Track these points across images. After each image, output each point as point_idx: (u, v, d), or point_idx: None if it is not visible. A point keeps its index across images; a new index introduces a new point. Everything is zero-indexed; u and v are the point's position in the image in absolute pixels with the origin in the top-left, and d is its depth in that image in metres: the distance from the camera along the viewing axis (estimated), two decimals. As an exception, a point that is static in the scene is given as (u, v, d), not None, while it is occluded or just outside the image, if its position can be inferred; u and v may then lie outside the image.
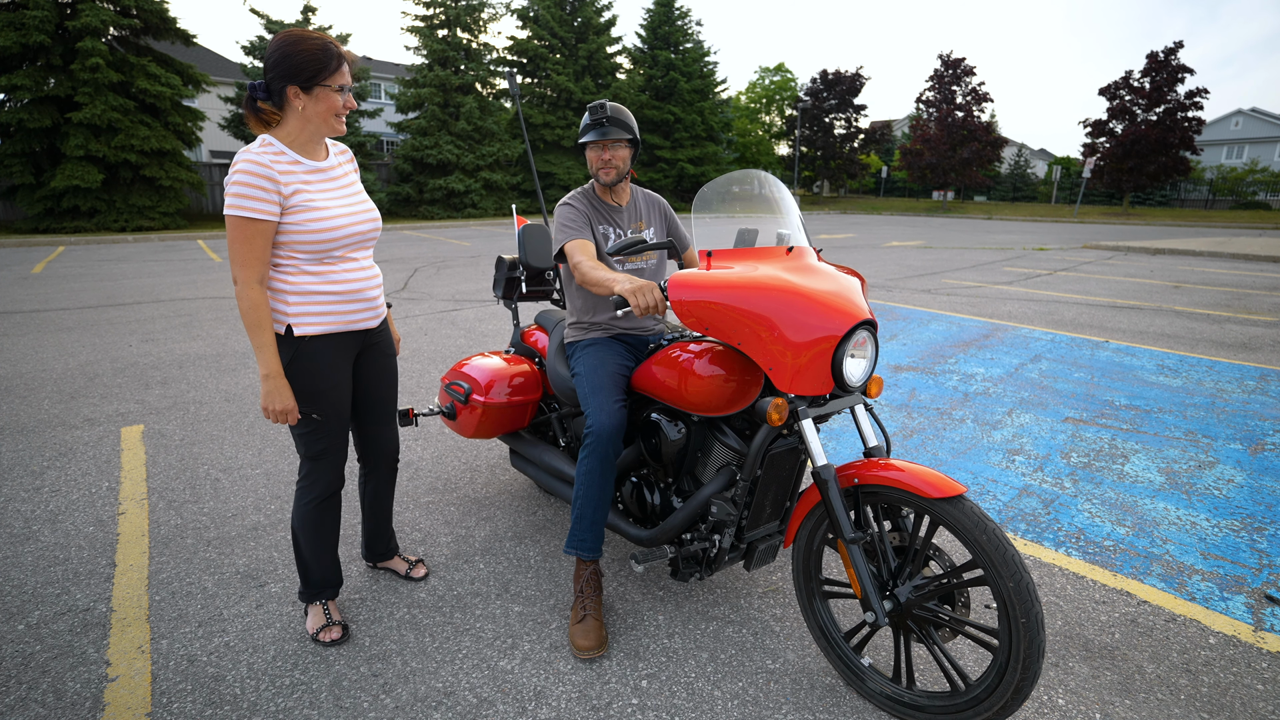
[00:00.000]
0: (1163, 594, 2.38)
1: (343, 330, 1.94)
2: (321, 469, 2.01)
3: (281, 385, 1.81)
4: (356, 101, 1.89)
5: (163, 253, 13.05)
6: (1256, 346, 5.99)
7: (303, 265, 1.85)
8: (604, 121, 2.23)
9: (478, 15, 24.05)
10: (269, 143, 1.80)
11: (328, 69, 1.76)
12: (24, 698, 1.84)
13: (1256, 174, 39.01)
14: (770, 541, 2.12)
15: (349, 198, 1.93)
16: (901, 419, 4.12)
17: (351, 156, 2.07)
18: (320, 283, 1.87)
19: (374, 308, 2.01)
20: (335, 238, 1.86)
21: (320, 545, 2.09)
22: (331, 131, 1.86)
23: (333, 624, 2.09)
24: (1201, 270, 11.69)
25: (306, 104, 1.79)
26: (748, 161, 43.36)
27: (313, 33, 1.78)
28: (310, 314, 1.87)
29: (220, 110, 25.81)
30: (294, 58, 1.73)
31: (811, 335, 1.69)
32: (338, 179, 1.93)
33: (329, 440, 1.99)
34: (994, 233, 20.85)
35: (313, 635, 2.08)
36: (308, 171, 1.85)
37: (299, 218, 1.80)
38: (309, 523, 2.05)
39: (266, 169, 1.74)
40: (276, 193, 1.75)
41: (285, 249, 1.83)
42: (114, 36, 17.07)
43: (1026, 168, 50.05)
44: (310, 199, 1.82)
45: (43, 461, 3.38)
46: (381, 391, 2.16)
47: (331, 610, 2.14)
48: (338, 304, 1.91)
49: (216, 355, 5.43)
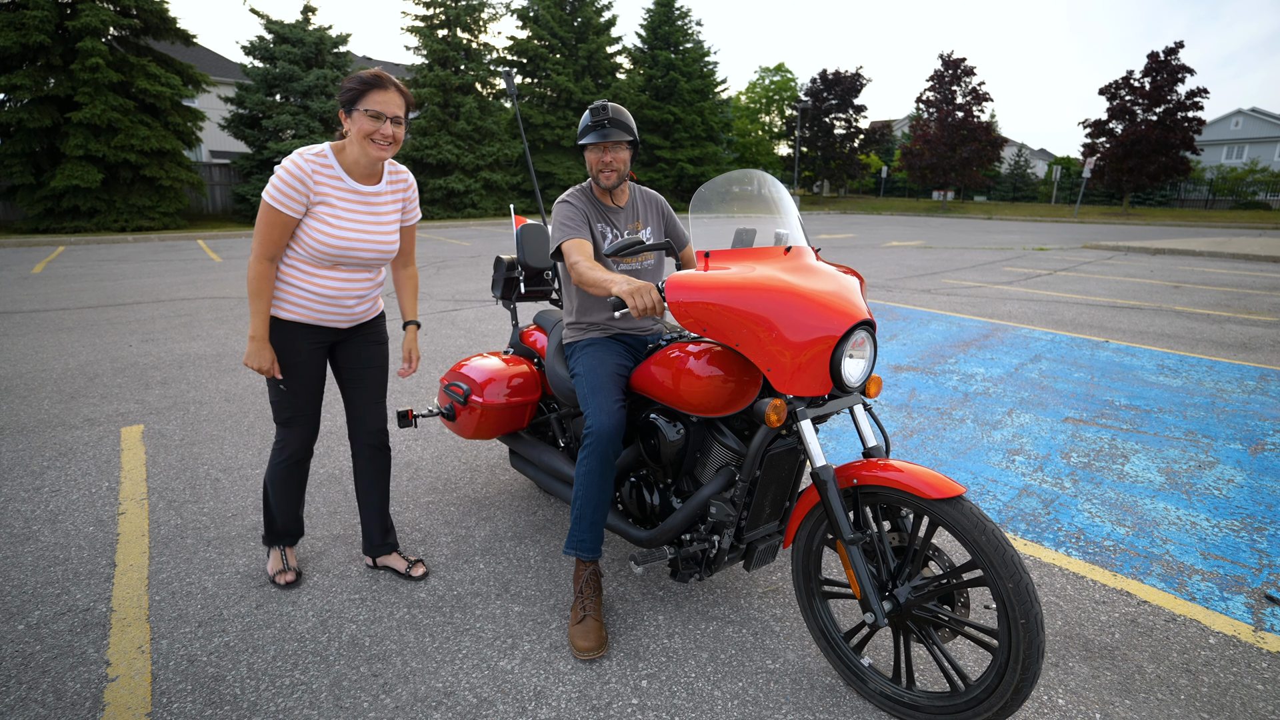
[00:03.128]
0: (1163, 594, 2.38)
1: (308, 323, 2.17)
2: (291, 435, 2.29)
3: (261, 347, 2.10)
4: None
5: (163, 253, 13.06)
6: (1256, 346, 5.99)
7: (297, 261, 2.11)
8: (605, 123, 2.20)
9: (478, 15, 24.06)
10: (323, 154, 2.05)
11: (362, 95, 1.98)
12: (24, 697, 1.85)
13: (1256, 174, 38.99)
14: (770, 542, 2.11)
15: (373, 225, 2.15)
16: (901, 419, 4.12)
17: (409, 185, 2.27)
18: (304, 280, 2.12)
19: (348, 313, 2.24)
20: (333, 252, 2.08)
21: (285, 500, 2.37)
22: (369, 155, 2.04)
23: (288, 569, 2.40)
24: (1201, 270, 11.69)
25: (349, 126, 2.03)
26: (747, 162, 43.34)
27: (370, 70, 2.02)
28: (286, 301, 2.13)
29: (220, 110, 25.78)
30: (345, 86, 2.01)
31: (809, 335, 1.68)
32: (373, 205, 2.15)
33: (294, 410, 2.25)
34: (994, 233, 20.85)
35: (270, 577, 2.39)
36: (345, 190, 2.08)
37: (313, 225, 2.05)
38: (277, 479, 2.34)
39: (305, 175, 2.00)
40: (305, 196, 2.02)
41: (294, 242, 2.09)
42: (114, 36, 17.08)
43: (1026, 168, 50.03)
44: (330, 213, 2.06)
45: (43, 461, 3.38)
46: (362, 372, 2.35)
47: (289, 557, 2.43)
48: (312, 302, 2.14)
49: (216, 355, 5.43)
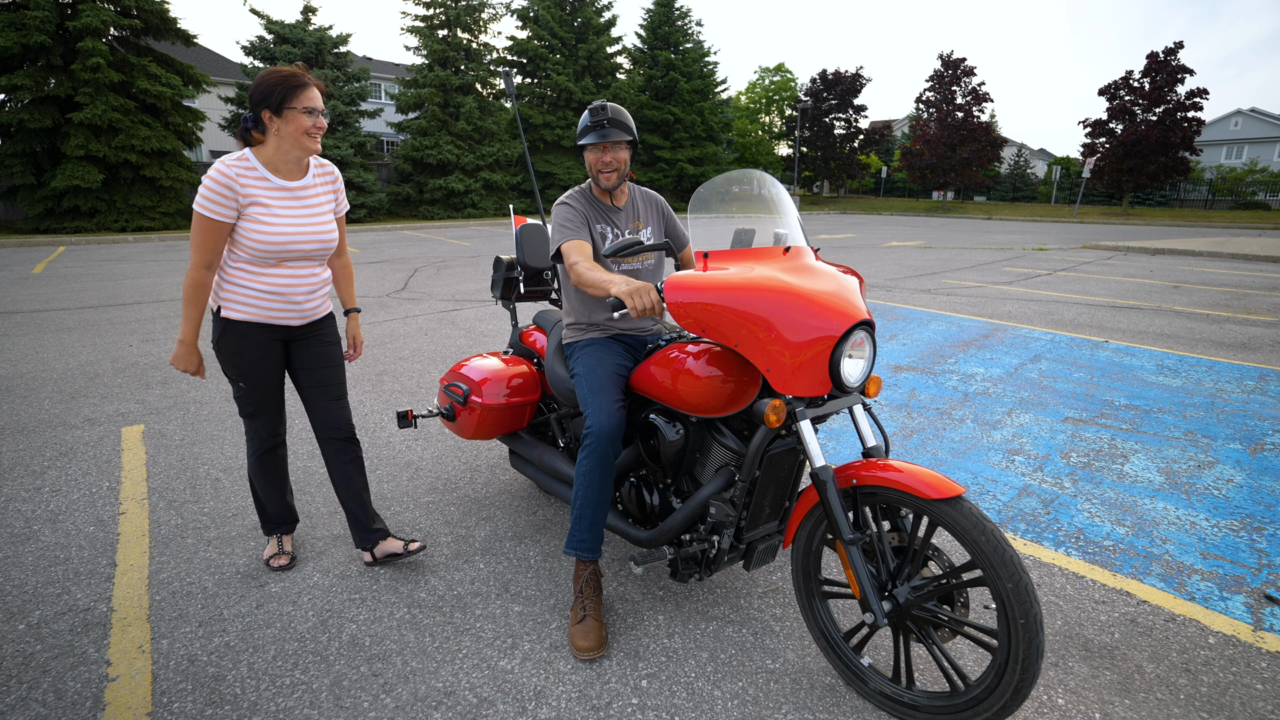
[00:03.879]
0: (1162, 594, 2.38)
1: (260, 322, 2.20)
2: (256, 427, 2.38)
3: (190, 350, 2.18)
4: (357, 103, 2.11)
5: (163, 253, 13.06)
6: (1256, 346, 5.99)
7: (242, 262, 2.14)
8: (604, 123, 2.20)
9: (478, 15, 24.06)
10: (245, 158, 2.07)
11: (293, 93, 2.02)
12: (24, 697, 1.85)
13: (1256, 174, 39.00)
14: (769, 542, 2.12)
15: (308, 217, 2.18)
16: (901, 419, 4.12)
17: (336, 178, 2.32)
18: (252, 279, 2.16)
19: (299, 309, 2.26)
20: (272, 249, 2.12)
21: (269, 488, 2.46)
22: (305, 150, 2.11)
23: (283, 553, 2.49)
24: (1201, 270, 11.69)
25: (280, 126, 2.05)
26: (747, 162, 43.31)
27: (285, 67, 2.07)
28: (236, 301, 2.17)
29: (220, 110, 25.81)
30: (265, 87, 2.02)
31: (809, 336, 1.68)
32: (304, 199, 2.18)
33: (255, 405, 2.33)
34: (994, 233, 20.85)
35: (265, 560, 2.49)
36: (273, 189, 2.11)
37: (248, 226, 2.08)
38: (256, 470, 2.44)
39: (230, 179, 2.02)
40: (235, 200, 2.04)
41: (233, 245, 2.13)
42: (114, 37, 17.08)
43: (1026, 168, 50.05)
44: (263, 212, 2.09)
45: (43, 461, 3.39)
46: (319, 374, 2.38)
47: (285, 543, 2.53)
48: (263, 300, 2.18)
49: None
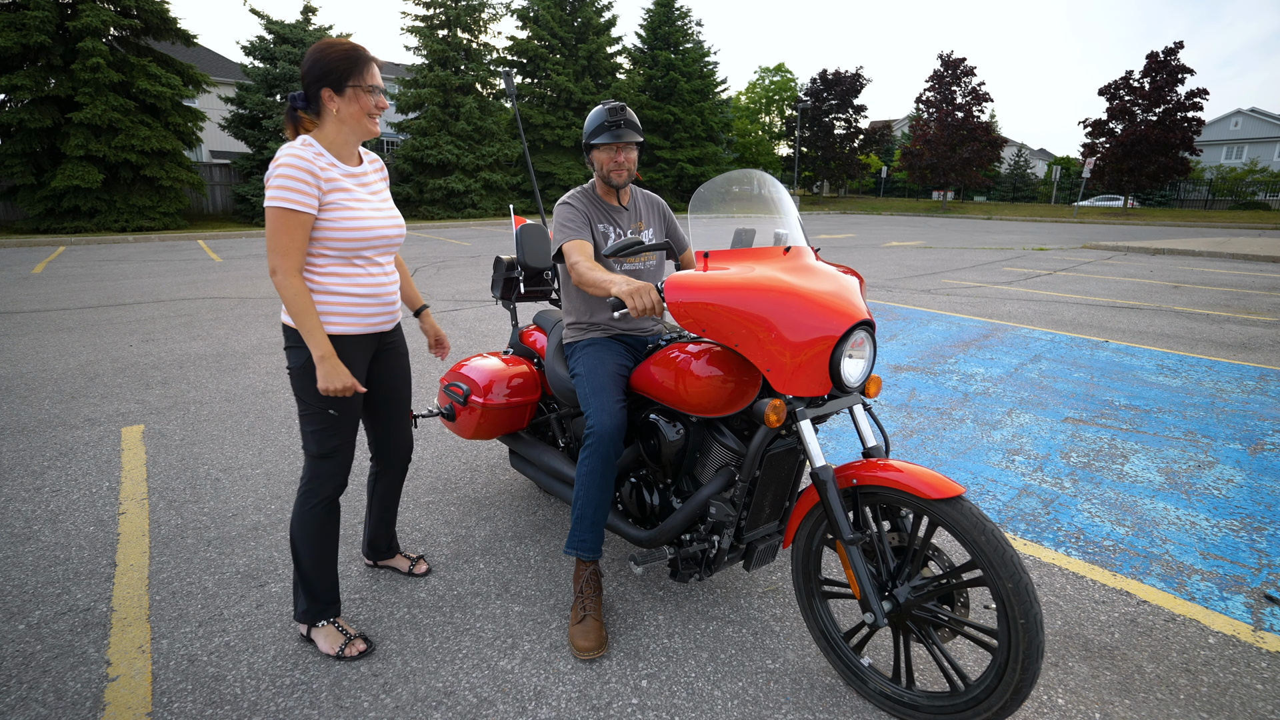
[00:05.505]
0: (1162, 594, 2.38)
1: (363, 332, 1.98)
2: (331, 468, 1.99)
3: (337, 364, 1.84)
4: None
5: (163, 253, 13.06)
6: (1256, 346, 5.99)
7: (332, 266, 1.90)
8: (620, 123, 2.23)
9: (478, 15, 24.07)
10: (309, 143, 1.85)
11: (356, 70, 1.83)
12: (25, 697, 1.85)
13: (1256, 174, 39.04)
14: (769, 542, 2.11)
15: (380, 205, 1.99)
16: (901, 419, 4.12)
17: (382, 166, 2.12)
18: (346, 284, 1.92)
19: (391, 311, 2.07)
20: (364, 239, 1.91)
21: (321, 553, 2.03)
22: (366, 132, 1.92)
23: (353, 638, 2.04)
24: (1201, 270, 11.69)
25: (340, 106, 1.85)
26: (747, 162, 43.33)
27: (341, 39, 1.86)
28: (335, 314, 1.92)
29: (220, 110, 25.80)
30: (325, 62, 1.82)
31: (809, 336, 1.68)
32: (370, 184, 2.00)
33: (342, 438, 1.98)
34: (994, 233, 20.85)
35: (336, 655, 2.01)
36: (343, 175, 1.90)
37: (334, 215, 1.85)
38: (312, 526, 2.00)
39: (309, 164, 1.80)
40: (316, 188, 1.81)
41: (316, 246, 1.88)
42: (114, 37, 17.09)
43: (1026, 168, 50.08)
44: (347, 198, 1.88)
45: (43, 461, 3.39)
46: (396, 388, 2.20)
47: (345, 626, 2.08)
48: (360, 306, 1.95)
49: (217, 355, 5.43)
